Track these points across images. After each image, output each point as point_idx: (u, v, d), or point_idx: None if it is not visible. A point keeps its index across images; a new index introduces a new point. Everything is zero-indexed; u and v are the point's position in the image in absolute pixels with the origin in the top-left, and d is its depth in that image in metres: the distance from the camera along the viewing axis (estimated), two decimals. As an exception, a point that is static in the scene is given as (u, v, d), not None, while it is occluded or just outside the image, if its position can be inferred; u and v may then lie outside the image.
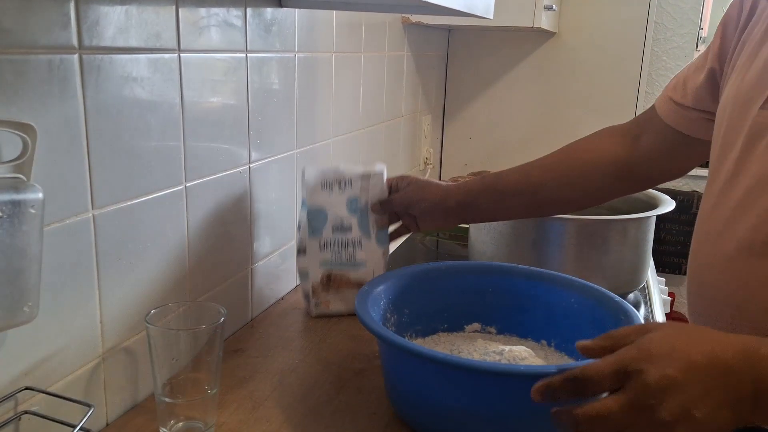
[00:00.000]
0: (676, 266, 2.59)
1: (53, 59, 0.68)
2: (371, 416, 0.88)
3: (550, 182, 1.07)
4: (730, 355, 0.58)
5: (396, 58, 1.77)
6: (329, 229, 1.14)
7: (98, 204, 0.77)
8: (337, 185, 1.13)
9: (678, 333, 0.61)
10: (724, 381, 0.57)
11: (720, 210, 0.79)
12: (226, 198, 1.03)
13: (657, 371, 0.57)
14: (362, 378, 0.97)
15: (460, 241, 1.64)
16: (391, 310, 0.97)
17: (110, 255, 0.80)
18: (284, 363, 1.01)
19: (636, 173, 1.04)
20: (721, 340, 0.60)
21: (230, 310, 1.07)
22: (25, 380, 0.71)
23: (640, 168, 1.03)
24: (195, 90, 0.91)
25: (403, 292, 0.99)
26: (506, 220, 1.25)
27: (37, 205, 0.62)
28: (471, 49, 2.29)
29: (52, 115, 0.69)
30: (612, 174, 1.04)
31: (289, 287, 1.29)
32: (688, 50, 2.35)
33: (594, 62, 2.20)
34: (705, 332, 0.62)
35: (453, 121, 2.37)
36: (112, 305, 0.81)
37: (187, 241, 0.94)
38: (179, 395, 0.79)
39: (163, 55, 0.84)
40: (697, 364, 0.57)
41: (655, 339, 0.60)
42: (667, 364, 0.57)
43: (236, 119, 1.04)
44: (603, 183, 1.05)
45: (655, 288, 1.41)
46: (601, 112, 2.20)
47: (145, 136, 0.83)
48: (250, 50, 1.04)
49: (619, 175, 1.04)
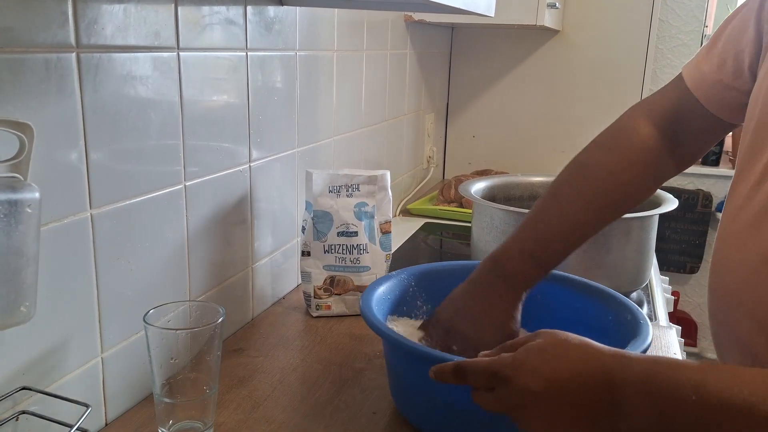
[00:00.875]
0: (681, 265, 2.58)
1: (50, 58, 0.68)
2: (372, 416, 0.87)
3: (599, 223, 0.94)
4: (593, 376, 0.60)
5: (399, 57, 1.76)
6: (334, 233, 1.14)
7: (96, 203, 0.76)
8: (344, 189, 1.13)
9: (554, 346, 0.63)
10: (583, 399, 0.59)
11: (745, 213, 0.74)
12: (227, 197, 1.03)
13: (521, 382, 0.61)
14: (363, 377, 0.97)
15: (463, 240, 1.64)
16: (423, 298, 0.99)
17: (109, 254, 0.79)
18: (285, 362, 1.00)
19: (674, 171, 0.96)
20: (589, 358, 0.61)
21: (231, 310, 1.07)
22: (22, 380, 0.70)
23: (678, 167, 0.96)
24: (194, 89, 0.91)
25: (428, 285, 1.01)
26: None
27: (34, 204, 0.62)
28: (474, 47, 2.28)
29: (50, 113, 0.69)
30: (655, 184, 0.96)
31: (290, 287, 1.29)
32: (692, 48, 2.34)
33: (598, 60, 2.19)
34: (579, 348, 0.62)
35: (456, 119, 2.37)
36: (111, 305, 0.81)
37: (187, 241, 0.94)
38: (178, 395, 0.79)
39: (162, 54, 0.84)
40: (560, 380, 0.60)
41: (532, 350, 0.63)
42: (531, 377, 0.61)
43: (236, 118, 1.03)
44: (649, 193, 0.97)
45: (658, 287, 1.40)
46: (605, 109, 2.18)
47: (143, 135, 0.83)
48: (250, 48, 1.03)
49: (660, 179, 0.96)
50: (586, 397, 0.59)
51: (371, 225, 1.16)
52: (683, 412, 0.55)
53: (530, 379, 0.61)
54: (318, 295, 1.16)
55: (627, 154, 0.90)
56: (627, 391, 0.57)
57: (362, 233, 1.15)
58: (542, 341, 0.64)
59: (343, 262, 1.16)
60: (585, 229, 0.90)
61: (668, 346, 1.09)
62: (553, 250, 0.88)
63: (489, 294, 0.88)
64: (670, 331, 1.15)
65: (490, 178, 1.56)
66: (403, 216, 1.90)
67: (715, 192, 2.53)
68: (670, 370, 0.57)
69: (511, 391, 0.62)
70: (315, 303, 1.16)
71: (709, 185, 2.53)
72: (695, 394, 0.54)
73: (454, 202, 1.93)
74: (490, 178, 1.56)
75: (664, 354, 1.06)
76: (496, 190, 1.53)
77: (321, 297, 1.16)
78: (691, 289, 2.62)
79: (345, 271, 1.16)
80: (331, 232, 1.14)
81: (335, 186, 1.13)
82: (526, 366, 0.62)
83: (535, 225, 0.90)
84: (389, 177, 1.17)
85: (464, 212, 1.82)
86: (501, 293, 0.88)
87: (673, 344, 1.09)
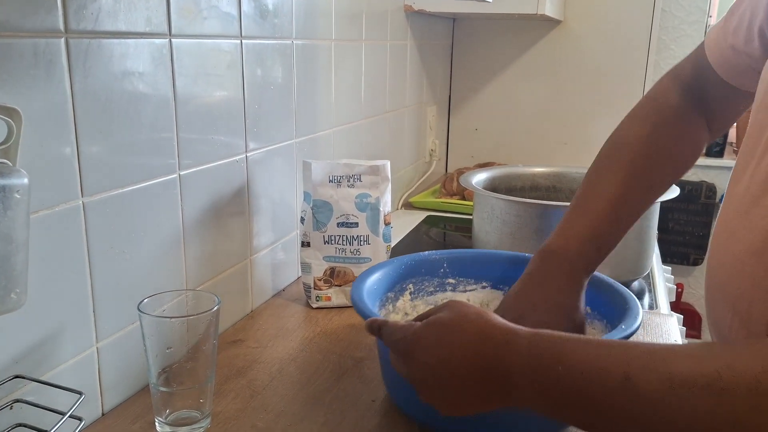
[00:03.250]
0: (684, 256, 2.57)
1: (39, 43, 0.67)
2: (370, 404, 0.87)
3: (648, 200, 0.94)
4: (483, 350, 0.62)
5: (399, 47, 1.75)
6: (334, 223, 1.13)
7: (88, 191, 0.76)
8: (345, 180, 1.13)
9: (452, 320, 0.65)
10: (474, 373, 0.62)
11: (738, 202, 0.71)
12: (223, 188, 1.02)
13: (417, 356, 0.65)
14: (362, 367, 0.96)
15: (466, 232, 1.63)
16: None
17: (102, 243, 0.79)
18: (284, 352, 1.00)
19: (708, 137, 0.95)
20: (481, 333, 0.63)
21: (229, 301, 1.07)
22: (15, 368, 0.70)
23: (712, 134, 0.94)
24: (188, 77, 0.90)
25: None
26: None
27: (22, 190, 0.61)
28: (476, 38, 2.27)
29: (39, 99, 0.68)
30: (693, 152, 0.94)
31: (290, 279, 1.28)
32: (696, 39, 2.32)
33: (600, 51, 2.18)
34: (474, 323, 0.64)
35: (459, 112, 2.35)
36: (105, 294, 0.80)
37: (183, 231, 0.94)
38: (175, 384, 0.79)
39: (153, 41, 0.83)
40: (452, 354, 0.63)
41: (432, 324, 0.66)
42: (426, 351, 0.65)
43: (231, 107, 1.02)
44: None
45: (660, 276, 1.39)
46: (608, 100, 2.18)
47: (135, 123, 0.82)
48: (245, 36, 1.02)
49: (697, 147, 0.94)
50: (478, 371, 0.62)
51: (375, 216, 1.15)
52: (556, 384, 0.57)
53: (425, 354, 0.65)
54: (318, 286, 1.15)
55: (659, 122, 0.90)
56: (512, 364, 0.60)
57: (363, 224, 1.14)
58: (443, 315, 0.66)
59: (343, 253, 1.15)
60: (632, 206, 0.89)
61: (669, 334, 1.08)
62: (604, 230, 0.87)
63: (550, 284, 0.86)
64: (671, 319, 1.14)
65: (492, 169, 1.55)
66: (405, 209, 1.90)
67: (718, 183, 2.51)
68: (548, 342, 0.60)
69: (410, 363, 0.66)
70: (315, 294, 1.16)
71: (713, 176, 2.51)
72: (561, 365, 0.57)
73: (457, 195, 1.92)
74: (492, 169, 1.55)
75: (665, 342, 1.05)
76: (497, 181, 1.52)
77: (321, 288, 1.15)
78: (695, 281, 2.60)
79: (345, 262, 1.15)
80: (330, 223, 1.13)
81: (335, 176, 1.13)
82: (423, 341, 0.66)
83: (582, 208, 0.89)
84: (389, 167, 1.16)
85: (467, 205, 1.81)
86: (561, 282, 0.85)
87: (674, 332, 1.08)
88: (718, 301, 0.73)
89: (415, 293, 1.01)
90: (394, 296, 0.99)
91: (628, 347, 0.57)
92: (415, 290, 1.01)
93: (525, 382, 0.59)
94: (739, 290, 0.68)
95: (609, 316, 0.88)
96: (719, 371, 0.50)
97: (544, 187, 1.56)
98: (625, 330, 0.78)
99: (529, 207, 1.25)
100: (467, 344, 0.63)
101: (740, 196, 0.70)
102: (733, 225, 0.70)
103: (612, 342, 0.59)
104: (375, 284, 0.93)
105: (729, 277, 0.70)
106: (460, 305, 0.67)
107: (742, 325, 0.67)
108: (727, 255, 0.71)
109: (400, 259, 1.01)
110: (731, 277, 0.69)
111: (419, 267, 1.02)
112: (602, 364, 0.55)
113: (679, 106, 0.90)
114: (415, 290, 1.01)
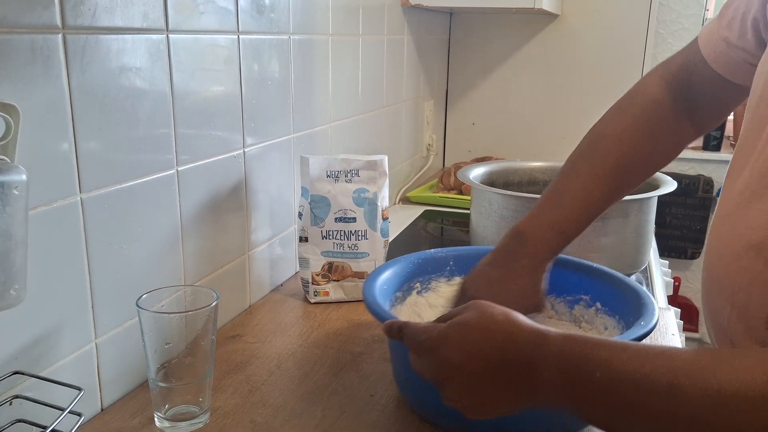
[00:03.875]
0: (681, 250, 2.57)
1: (36, 39, 0.67)
2: (369, 398, 0.87)
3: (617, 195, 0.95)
4: (511, 351, 0.62)
5: (396, 42, 1.75)
6: (332, 218, 1.13)
7: (86, 187, 0.76)
8: (343, 175, 1.13)
9: (478, 321, 0.65)
10: (502, 373, 0.61)
11: (736, 196, 0.71)
12: (221, 183, 1.02)
13: (443, 355, 0.64)
14: (361, 361, 0.96)
15: (464, 227, 1.63)
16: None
17: (100, 239, 0.79)
18: (282, 348, 1.00)
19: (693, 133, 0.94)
20: (509, 334, 0.63)
21: (227, 297, 1.07)
22: (15, 364, 0.70)
23: (697, 129, 0.94)
24: (185, 72, 0.90)
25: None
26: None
27: (21, 186, 0.62)
28: (473, 32, 2.27)
29: (37, 96, 0.68)
30: (674, 146, 0.94)
31: (288, 274, 1.28)
32: (693, 32, 2.32)
33: (598, 45, 2.18)
34: (502, 324, 0.64)
35: (456, 106, 2.35)
36: (104, 290, 0.81)
37: (181, 227, 0.94)
38: (174, 380, 0.79)
39: (150, 36, 0.83)
40: (480, 355, 0.62)
41: (457, 324, 0.65)
42: (452, 351, 0.64)
43: (229, 103, 1.02)
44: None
45: (657, 270, 1.39)
46: (606, 94, 2.15)
47: (133, 119, 0.82)
48: (242, 31, 1.02)
49: (678, 142, 0.94)
50: (505, 372, 0.61)
51: (373, 211, 1.15)
52: (590, 388, 0.57)
53: (451, 353, 0.64)
54: (316, 281, 1.15)
55: (639, 115, 0.91)
56: (542, 366, 0.59)
57: (361, 219, 1.14)
58: (468, 315, 0.66)
59: (341, 248, 1.15)
60: (600, 197, 0.91)
61: (666, 327, 1.08)
62: (573, 218, 0.89)
63: (513, 264, 0.89)
64: (669, 313, 1.14)
65: (489, 164, 1.55)
66: (402, 204, 1.90)
67: (716, 177, 2.52)
68: (581, 347, 0.59)
69: (435, 363, 0.65)
70: (313, 289, 1.16)
71: (710, 170, 2.51)
72: (599, 371, 0.56)
73: (454, 190, 1.92)
74: (489, 164, 1.55)
75: (662, 336, 1.05)
76: (494, 176, 1.52)
77: (319, 283, 1.16)
78: (693, 275, 2.61)
79: (343, 257, 1.15)
80: (328, 218, 1.13)
81: (333, 171, 1.13)
82: (449, 340, 0.65)
83: (555, 194, 0.91)
84: (387, 162, 1.16)
85: (464, 199, 1.81)
86: (524, 263, 0.88)
87: (672, 325, 1.09)
88: (715, 293, 0.73)
89: (422, 291, 1.01)
90: (402, 296, 0.99)
91: (671, 354, 0.56)
92: (422, 288, 1.01)
93: (555, 387, 0.59)
94: (738, 283, 0.68)
95: (621, 312, 0.89)
96: (761, 385, 0.49)
97: (541, 182, 1.56)
98: (644, 327, 0.78)
99: (526, 201, 1.25)
100: (495, 346, 0.62)
101: (739, 190, 0.70)
102: (733, 219, 0.70)
103: (652, 347, 0.58)
104: (385, 284, 0.93)
105: (727, 271, 0.70)
106: (485, 305, 0.67)
107: (739, 318, 0.68)
108: (726, 248, 0.71)
109: (408, 258, 1.01)
110: (729, 271, 0.70)
111: (426, 265, 1.02)
112: (646, 372, 0.54)
113: (663, 100, 0.90)
114: (422, 288, 1.01)
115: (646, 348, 0.58)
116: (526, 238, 0.89)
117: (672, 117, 0.91)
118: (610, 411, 0.56)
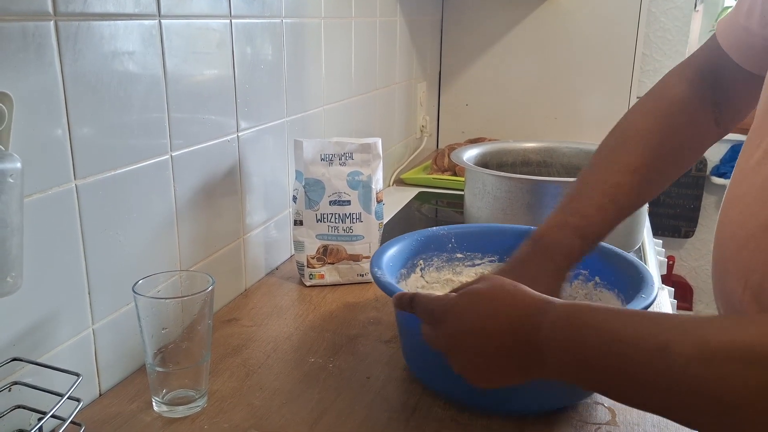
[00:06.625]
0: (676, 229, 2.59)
1: (28, 26, 0.67)
2: (365, 380, 0.88)
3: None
4: (517, 318, 0.63)
5: (388, 24, 1.74)
6: (326, 202, 1.14)
7: (80, 174, 0.76)
8: (336, 158, 1.13)
9: (488, 290, 0.67)
10: (507, 341, 0.63)
11: (754, 177, 0.70)
12: (215, 167, 1.02)
13: (451, 323, 0.67)
14: (356, 344, 0.97)
15: (458, 208, 1.64)
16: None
17: (96, 226, 0.79)
18: (278, 331, 1.01)
19: (716, 131, 0.92)
20: (516, 303, 0.64)
21: (223, 281, 1.07)
22: (13, 351, 0.71)
23: (721, 127, 0.91)
24: (178, 57, 0.90)
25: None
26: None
27: (15, 174, 0.62)
28: (466, 13, 2.26)
29: (30, 83, 0.68)
30: (698, 146, 0.92)
31: (283, 257, 1.29)
32: (686, 11, 2.32)
33: (590, 24, 2.17)
34: (510, 293, 0.66)
35: (449, 88, 2.35)
36: (100, 276, 0.81)
37: (176, 212, 0.94)
38: (171, 364, 0.79)
39: (143, 22, 0.83)
40: (487, 322, 0.64)
41: (468, 293, 0.67)
42: (459, 319, 0.66)
43: (222, 87, 1.02)
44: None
45: (651, 249, 1.40)
46: (598, 74, 2.17)
47: (126, 105, 0.82)
48: (234, 15, 1.02)
49: (702, 142, 0.92)
50: (512, 338, 0.63)
51: (367, 194, 1.15)
52: (591, 349, 0.58)
53: (459, 321, 0.66)
54: (311, 264, 1.16)
55: (662, 117, 0.88)
56: (547, 331, 0.60)
57: (355, 202, 1.15)
58: (480, 285, 0.67)
59: (336, 231, 1.15)
60: (625, 198, 0.86)
61: (660, 306, 1.09)
62: (592, 220, 0.85)
63: (531, 269, 0.84)
64: (663, 292, 1.15)
65: (483, 145, 1.55)
66: (396, 186, 1.90)
67: (709, 156, 2.53)
68: (586, 313, 0.60)
69: (444, 331, 0.67)
70: (308, 272, 1.16)
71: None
72: (597, 331, 0.57)
73: (448, 171, 1.93)
74: (483, 145, 1.55)
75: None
76: (488, 157, 1.52)
77: (314, 266, 1.16)
78: (686, 253, 2.63)
79: (338, 240, 1.16)
80: (323, 201, 1.14)
81: (327, 154, 1.13)
82: (457, 308, 0.67)
83: (574, 196, 0.87)
84: (381, 144, 1.16)
85: (458, 180, 1.82)
86: (543, 268, 0.84)
87: (665, 305, 1.10)
88: (727, 273, 0.73)
89: (425, 269, 1.03)
90: (407, 272, 1.01)
91: (664, 317, 0.57)
92: (425, 266, 1.03)
93: (559, 350, 0.60)
94: (752, 263, 0.67)
95: (620, 286, 0.90)
96: (753, 342, 0.50)
97: (534, 162, 1.56)
98: (645, 299, 0.79)
99: (520, 182, 1.25)
100: (502, 312, 0.64)
101: (753, 170, 0.69)
102: (748, 199, 0.70)
103: (647, 312, 0.60)
104: (390, 261, 0.95)
105: (740, 250, 0.70)
106: (496, 277, 0.68)
107: (753, 298, 0.67)
108: (740, 228, 0.70)
109: (411, 235, 1.02)
110: (743, 251, 0.69)
111: (428, 243, 1.03)
112: (639, 332, 0.55)
113: (684, 97, 0.88)
114: (425, 266, 1.03)
115: (641, 313, 0.60)
116: (542, 242, 0.85)
117: (696, 116, 0.88)
118: (608, 373, 0.57)
